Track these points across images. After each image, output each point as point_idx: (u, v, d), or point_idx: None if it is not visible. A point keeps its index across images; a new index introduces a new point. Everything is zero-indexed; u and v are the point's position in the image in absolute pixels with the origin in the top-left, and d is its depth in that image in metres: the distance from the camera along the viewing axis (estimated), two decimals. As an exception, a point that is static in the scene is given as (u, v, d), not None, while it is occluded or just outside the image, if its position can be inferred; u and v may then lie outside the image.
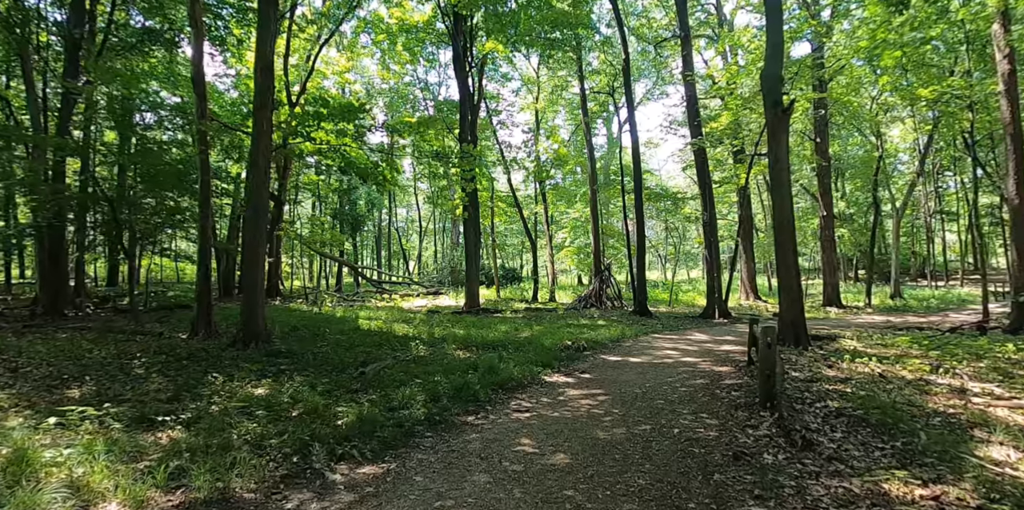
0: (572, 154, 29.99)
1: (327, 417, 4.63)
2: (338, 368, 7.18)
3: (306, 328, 11.67)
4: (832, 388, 6.03)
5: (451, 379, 6.28)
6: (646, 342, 10.68)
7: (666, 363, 8.12)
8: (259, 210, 8.68)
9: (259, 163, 8.67)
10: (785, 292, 9.48)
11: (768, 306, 22.12)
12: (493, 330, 11.72)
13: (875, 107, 25.50)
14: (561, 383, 6.68)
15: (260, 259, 8.64)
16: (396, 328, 11.74)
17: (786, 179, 9.52)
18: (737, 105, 17.07)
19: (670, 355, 8.93)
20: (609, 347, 9.83)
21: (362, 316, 14.45)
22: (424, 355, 8.51)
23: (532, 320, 14.86)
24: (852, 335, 11.79)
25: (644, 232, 18.07)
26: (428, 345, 9.63)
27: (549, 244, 27.58)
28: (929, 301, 24.12)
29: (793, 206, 9.56)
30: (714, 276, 16.08)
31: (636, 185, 16.79)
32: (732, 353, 9.16)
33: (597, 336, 10.79)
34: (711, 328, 13.88)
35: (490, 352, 8.80)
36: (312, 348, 8.69)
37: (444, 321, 13.84)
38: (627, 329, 12.43)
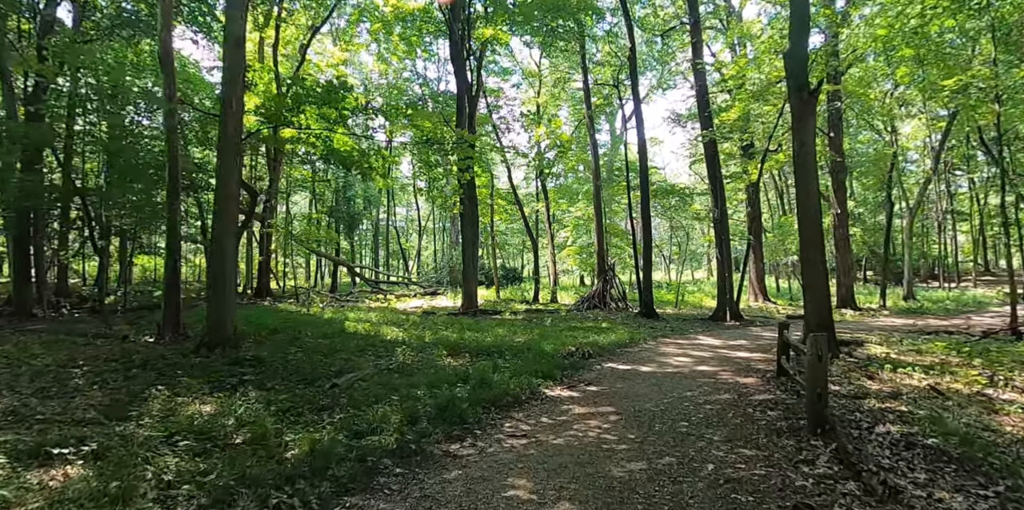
0: (574, 150, 29.09)
1: (273, 447, 3.72)
2: (308, 379, 6.27)
3: (287, 331, 10.77)
4: (884, 406, 5.12)
5: (436, 394, 5.38)
6: (655, 348, 9.77)
7: (681, 373, 7.20)
8: (227, 199, 7.78)
9: (227, 147, 7.77)
10: (810, 292, 8.55)
11: (778, 308, 21.18)
12: (489, 334, 10.80)
13: (890, 101, 24.59)
14: (564, 398, 5.76)
15: (229, 254, 7.74)
16: (384, 331, 10.84)
17: (812, 166, 8.60)
18: (748, 97, 16.16)
19: (684, 363, 8.02)
20: (616, 353, 8.91)
21: (351, 318, 13.55)
22: (410, 363, 7.61)
23: (532, 322, 13.95)
24: (878, 340, 10.86)
25: (650, 230, 17.16)
26: (416, 351, 8.72)
27: (551, 243, 26.65)
28: (944, 303, 23.14)
29: (820, 200, 8.64)
30: (725, 276, 15.16)
31: (642, 180, 15.87)
32: (752, 361, 8.24)
33: (602, 340, 9.88)
34: (723, 331, 12.96)
35: (484, 359, 7.89)
36: (286, 354, 7.79)
37: (438, 323, 12.94)
38: (634, 333, 11.51)
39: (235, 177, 7.90)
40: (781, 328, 6.44)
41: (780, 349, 6.48)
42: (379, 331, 10.86)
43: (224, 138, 7.82)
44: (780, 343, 6.45)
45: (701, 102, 15.41)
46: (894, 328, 14.13)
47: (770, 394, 5.77)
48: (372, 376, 6.41)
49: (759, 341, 11.00)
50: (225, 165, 7.81)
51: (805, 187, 8.61)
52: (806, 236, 8.55)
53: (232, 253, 7.82)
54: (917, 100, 24.21)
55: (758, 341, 10.98)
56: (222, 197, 7.77)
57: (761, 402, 5.40)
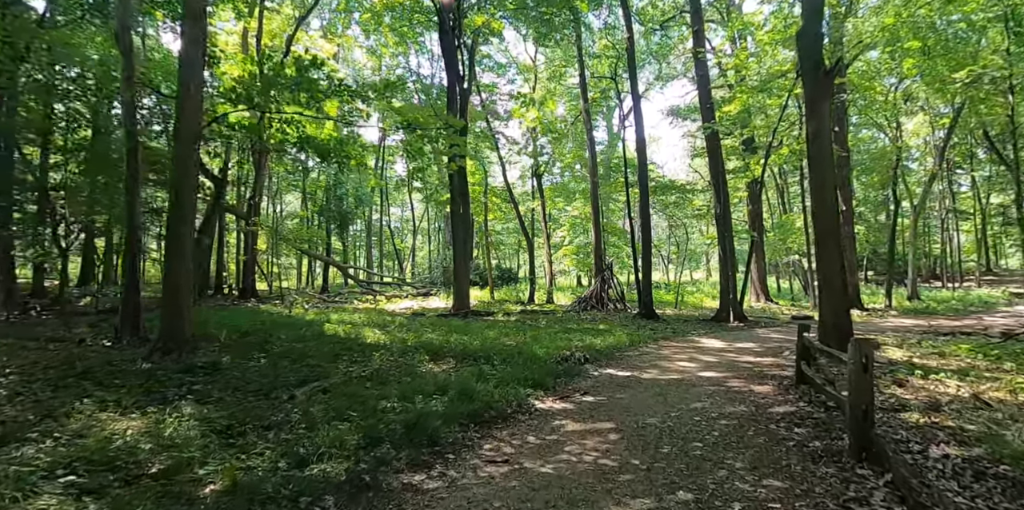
0: (571, 146, 28.40)
1: (186, 483, 2.96)
2: (265, 389, 5.51)
3: (260, 333, 10.00)
4: (928, 420, 4.40)
5: (407, 408, 4.63)
6: (656, 351, 9.03)
7: (687, 380, 6.46)
8: (184, 191, 7.02)
9: (185, 134, 7.01)
10: (828, 290, 7.84)
11: (782, 309, 20.49)
12: (478, 336, 10.05)
13: (895, 96, 23.97)
14: (557, 411, 5.02)
15: (186, 251, 6.97)
16: (365, 334, 10.07)
17: (828, 155, 7.90)
18: (750, 90, 15.47)
19: (689, 369, 7.28)
20: (614, 358, 8.16)
21: (333, 319, 12.77)
22: (387, 369, 6.85)
23: (526, 324, 13.21)
24: (895, 342, 10.16)
25: (649, 227, 16.46)
26: (397, 355, 7.97)
27: (546, 242, 25.90)
28: (950, 303, 22.50)
29: (836, 190, 7.94)
30: (728, 275, 14.45)
31: (641, 176, 15.17)
32: (762, 365, 7.51)
33: (599, 344, 9.14)
34: (727, 333, 12.24)
35: (469, 365, 7.14)
36: (248, 360, 7.02)
37: (426, 325, 12.18)
38: (633, 335, 10.77)
39: (193, 167, 7.13)
40: (800, 331, 5.71)
41: (800, 354, 5.75)
42: (359, 334, 10.10)
43: (182, 124, 7.05)
44: (800, 347, 5.72)
45: (703, 93, 14.72)
46: (906, 329, 13.45)
47: (791, 406, 5.03)
48: (339, 386, 5.65)
49: (767, 343, 10.28)
50: (182, 154, 7.04)
51: (820, 178, 7.90)
52: (822, 231, 7.84)
53: (189, 250, 7.05)
54: (923, 95, 23.61)
55: (766, 343, 10.26)
56: (178, 189, 7.00)
57: (783, 416, 4.66)
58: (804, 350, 5.69)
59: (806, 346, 5.66)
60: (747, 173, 20.18)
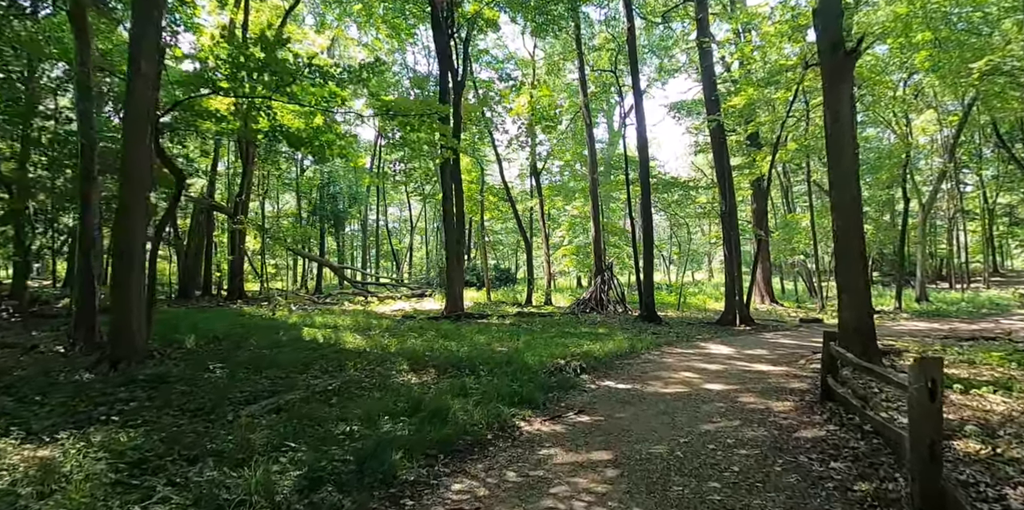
0: (570, 145, 27.69)
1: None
2: (211, 407, 4.79)
3: (233, 339, 9.29)
4: (986, 450, 3.67)
5: (367, 433, 3.91)
6: (660, 359, 8.29)
7: (696, 394, 5.73)
8: (134, 184, 6.29)
9: (135, 119, 6.29)
10: (849, 291, 7.10)
11: (788, 311, 19.76)
12: (467, 342, 9.34)
13: (905, 92, 23.25)
14: (545, 436, 4.28)
15: (135, 250, 6.25)
16: (346, 339, 9.34)
17: (849, 143, 7.17)
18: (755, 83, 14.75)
19: (695, 380, 6.53)
20: (614, 367, 7.43)
21: (317, 323, 12.05)
22: (358, 381, 6.14)
23: (520, 328, 12.48)
24: (917, 348, 9.43)
25: (651, 226, 15.74)
26: (375, 364, 7.26)
27: (545, 242, 25.16)
28: (961, 305, 21.75)
29: (859, 180, 7.20)
30: (734, 276, 13.72)
31: (642, 172, 14.43)
32: (777, 376, 6.77)
33: (598, 350, 8.40)
34: (734, 338, 11.50)
35: (452, 376, 6.42)
36: (206, 371, 6.29)
37: (414, 329, 11.45)
38: (635, 340, 10.03)
39: (146, 157, 6.41)
40: (827, 339, 4.98)
41: (826, 366, 5.02)
42: (339, 339, 9.36)
43: (130, 107, 6.33)
44: (826, 358, 4.99)
45: (707, 84, 13.99)
46: (922, 333, 12.72)
47: (820, 429, 4.30)
48: (297, 403, 4.93)
49: (778, 350, 9.55)
50: (132, 141, 6.32)
51: (841, 168, 7.17)
52: (843, 226, 7.11)
53: (141, 250, 6.32)
54: (933, 90, 22.88)
55: (777, 350, 9.53)
56: (128, 181, 6.29)
57: (813, 443, 3.93)
58: (831, 362, 4.96)
59: (833, 357, 4.93)
60: (752, 170, 19.47)
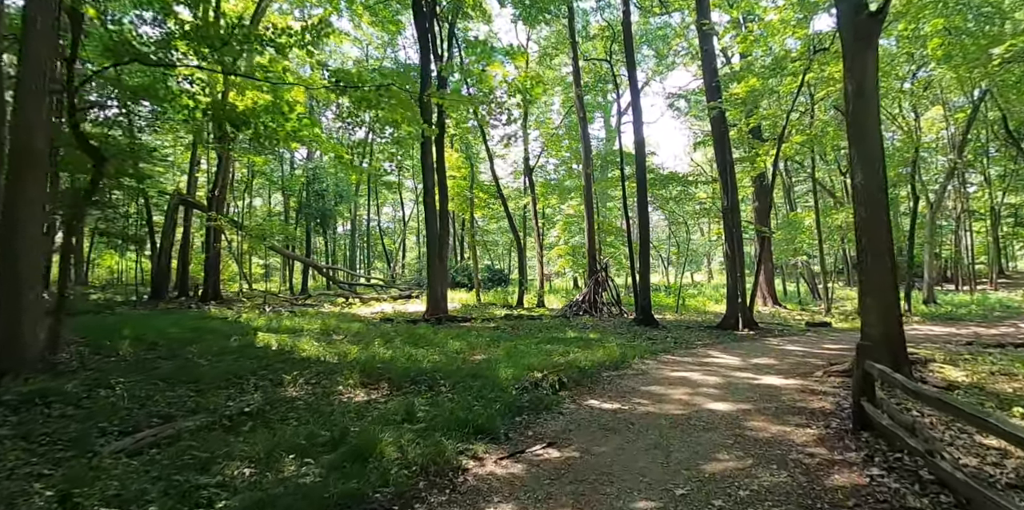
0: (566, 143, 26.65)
1: None
2: (82, 438, 3.76)
3: (174, 345, 8.26)
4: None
5: (255, 482, 2.88)
6: (654, 370, 7.25)
7: (696, 418, 4.69)
8: (24, 162, 5.26)
9: (27, 85, 5.27)
10: (874, 295, 6.09)
11: (792, 314, 18.76)
12: (438, 350, 8.32)
13: (916, 84, 22.32)
14: (496, 484, 3.25)
15: (23, 243, 5.21)
16: (303, 346, 8.31)
17: (875, 119, 6.15)
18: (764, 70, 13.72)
19: (695, 399, 5.49)
20: (600, 381, 6.39)
21: (283, 327, 10.94)
22: (292, 399, 5.11)
23: (506, 332, 11.46)
24: (943, 357, 8.42)
25: (647, 223, 14.74)
26: (323, 376, 6.24)
27: (538, 241, 24.14)
28: (970, 307, 20.78)
29: (884, 165, 6.18)
30: (736, 276, 12.70)
31: (638, 164, 13.45)
32: (791, 392, 5.75)
33: (584, 360, 7.38)
34: (737, 344, 10.48)
35: (406, 393, 5.41)
36: (108, 385, 5.24)
37: (387, 333, 10.41)
38: (628, 347, 9.01)
39: (42, 131, 5.38)
40: (862, 353, 3.95)
41: (859, 386, 3.99)
42: (296, 345, 8.33)
43: (25, 72, 5.31)
44: (859, 377, 3.96)
45: (707, 70, 12.99)
46: (941, 339, 11.71)
47: (860, 473, 3.27)
48: (191, 432, 3.89)
49: (787, 358, 8.52)
50: (24, 113, 5.29)
51: (864, 150, 6.15)
52: (867, 217, 6.09)
53: (34, 243, 5.29)
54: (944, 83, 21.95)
55: (786, 358, 8.50)
56: (16, 158, 5.26)
57: (855, 497, 2.90)
58: (866, 382, 3.93)
59: (868, 375, 3.90)
60: (755, 166, 18.46)
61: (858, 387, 3.94)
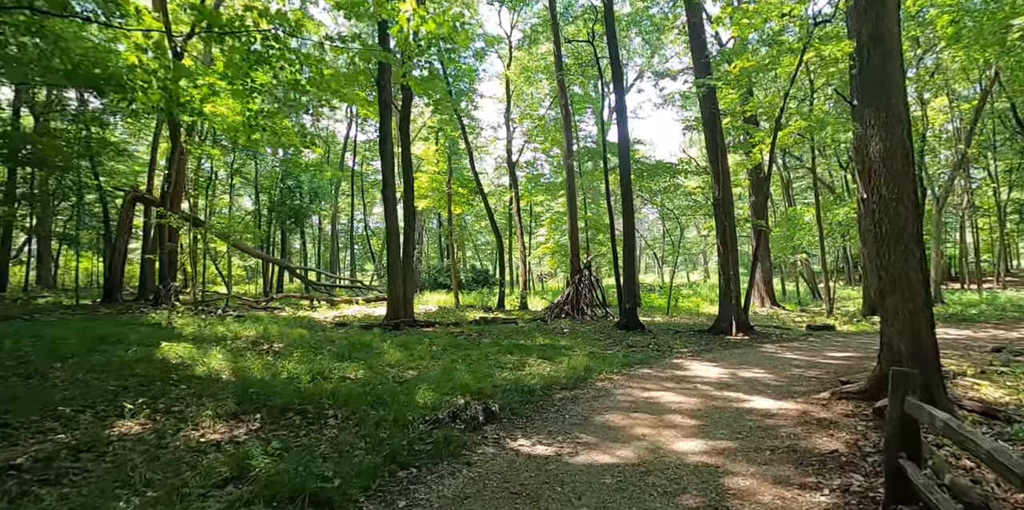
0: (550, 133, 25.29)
1: None
2: None
3: (51, 357, 6.86)
4: None
5: None
6: (621, 388, 5.86)
7: (656, 471, 3.31)
8: None
9: None
10: (899, 294, 4.72)
11: (791, 316, 17.38)
12: (374, 362, 6.98)
13: (920, 72, 21.05)
14: None
15: None
16: (209, 360, 6.90)
17: (897, 75, 4.79)
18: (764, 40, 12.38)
19: (660, 435, 4.08)
20: (545, 408, 4.99)
21: (206, 334, 9.53)
22: (120, 437, 3.75)
23: (467, 340, 10.08)
24: (972, 367, 7.08)
25: (633, 217, 13.37)
26: (187, 404, 4.86)
27: (521, 240, 22.76)
28: (980, 307, 19.43)
29: (909, 133, 4.80)
30: (730, 275, 11.33)
31: (621, 150, 12.08)
32: (789, 420, 4.37)
33: (532, 378, 6.00)
34: (728, 352, 9.10)
35: (278, 428, 4.03)
36: None
37: (326, 341, 9.03)
38: (597, 357, 7.64)
39: None
40: (898, 384, 2.56)
41: (897, 436, 2.60)
42: (197, 359, 6.94)
43: None
44: (896, 423, 2.57)
45: (696, 45, 11.62)
46: (961, 343, 10.35)
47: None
48: None
49: (785, 370, 7.15)
50: None
51: (885, 111, 4.78)
52: (887, 198, 4.72)
53: None
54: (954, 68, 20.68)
55: (784, 371, 7.12)
56: None
57: None
58: (907, 429, 2.54)
59: (908, 420, 2.52)
60: (750, 158, 17.09)
61: (896, 438, 2.55)
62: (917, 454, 2.53)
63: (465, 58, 23.52)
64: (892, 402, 2.57)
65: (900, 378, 2.55)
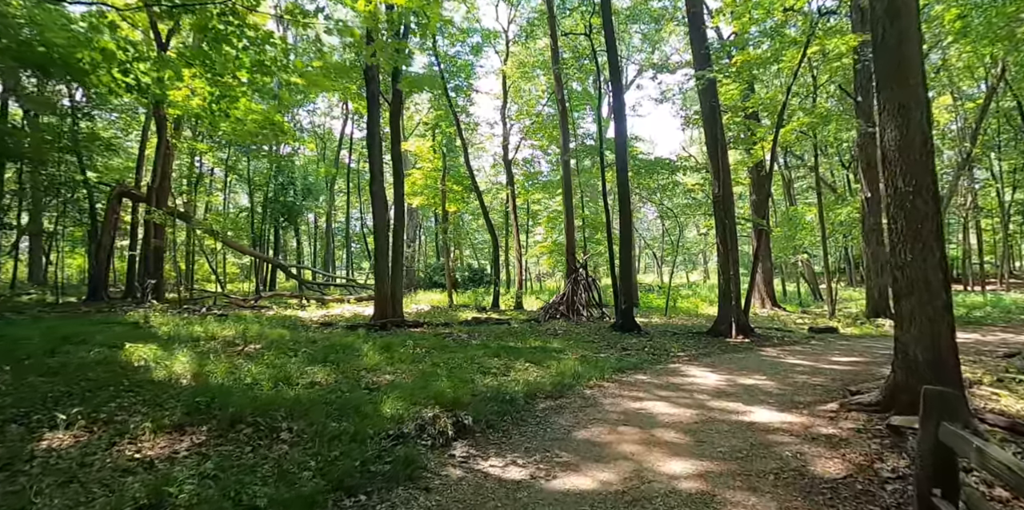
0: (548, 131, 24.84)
1: None
2: None
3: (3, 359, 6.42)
4: None
5: None
6: (610, 397, 5.42)
7: (641, 500, 2.88)
8: None
9: None
10: (916, 296, 4.28)
11: (792, 317, 16.92)
12: (342, 367, 6.53)
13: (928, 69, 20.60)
14: None
15: None
16: (171, 364, 6.45)
17: (914, 52, 4.34)
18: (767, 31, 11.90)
19: (649, 454, 3.65)
20: (526, 420, 4.54)
21: (182, 334, 9.08)
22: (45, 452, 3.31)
23: (455, 342, 9.64)
24: (985, 375, 6.65)
25: (630, 214, 12.90)
26: (131, 412, 4.43)
27: (517, 237, 22.29)
28: (986, 309, 18.98)
29: (929, 116, 4.36)
30: (730, 274, 10.88)
31: (618, 143, 11.62)
32: (790, 438, 3.93)
33: (521, 383, 5.57)
34: (727, 356, 8.65)
35: (226, 443, 3.59)
36: None
37: (305, 342, 8.57)
38: (589, 362, 7.19)
39: None
40: (931, 407, 2.12)
41: (929, 466, 2.16)
42: (160, 361, 6.50)
43: None
44: (929, 452, 2.14)
45: (696, 36, 11.16)
46: (969, 347, 9.87)
47: None
48: None
49: (788, 377, 6.70)
50: None
51: (901, 95, 4.32)
52: (903, 190, 4.27)
53: None
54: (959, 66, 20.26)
55: (786, 377, 6.68)
56: None
57: None
58: (942, 459, 2.10)
59: (943, 449, 2.08)
60: (751, 155, 16.63)
61: (928, 473, 2.11)
62: (955, 492, 2.09)
63: (462, 54, 23.10)
64: (924, 429, 2.13)
65: (935, 400, 2.10)
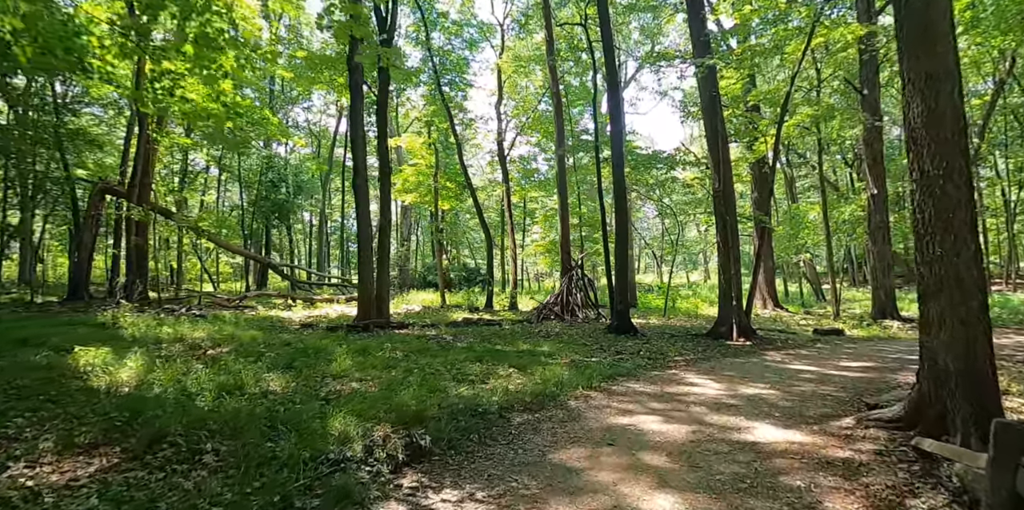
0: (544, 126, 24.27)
1: None
2: None
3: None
4: None
5: None
6: (596, 409, 4.83)
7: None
8: None
9: None
10: (945, 296, 3.70)
11: (797, 318, 16.33)
12: (308, 372, 5.97)
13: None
14: None
15: None
16: (119, 370, 5.89)
17: (942, 18, 3.77)
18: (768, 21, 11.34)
19: (634, 485, 3.09)
20: (496, 438, 3.96)
21: (150, 336, 8.54)
22: None
23: (440, 342, 9.08)
24: (1014, 385, 6.06)
25: (626, 208, 12.31)
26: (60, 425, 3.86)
27: (512, 236, 21.72)
28: (994, 310, 18.31)
29: (961, 88, 3.79)
30: (730, 273, 10.30)
31: (615, 138, 11.04)
32: (800, 462, 3.35)
33: (498, 392, 5.00)
34: (729, 361, 8.07)
35: (139, 467, 3.02)
36: None
37: (274, 345, 8.02)
38: (575, 370, 6.61)
39: None
40: (1005, 444, 1.56)
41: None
42: (107, 366, 5.95)
43: None
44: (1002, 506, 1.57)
45: (695, 23, 10.58)
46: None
47: None
48: None
49: (794, 385, 6.12)
50: None
51: (930, 66, 3.75)
52: (932, 174, 3.69)
53: None
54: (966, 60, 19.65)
55: (792, 385, 6.10)
56: None
57: None
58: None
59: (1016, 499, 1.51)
60: (753, 151, 16.04)
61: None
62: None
63: (457, 48, 22.54)
64: (998, 473, 1.55)
65: (1013, 436, 1.53)
